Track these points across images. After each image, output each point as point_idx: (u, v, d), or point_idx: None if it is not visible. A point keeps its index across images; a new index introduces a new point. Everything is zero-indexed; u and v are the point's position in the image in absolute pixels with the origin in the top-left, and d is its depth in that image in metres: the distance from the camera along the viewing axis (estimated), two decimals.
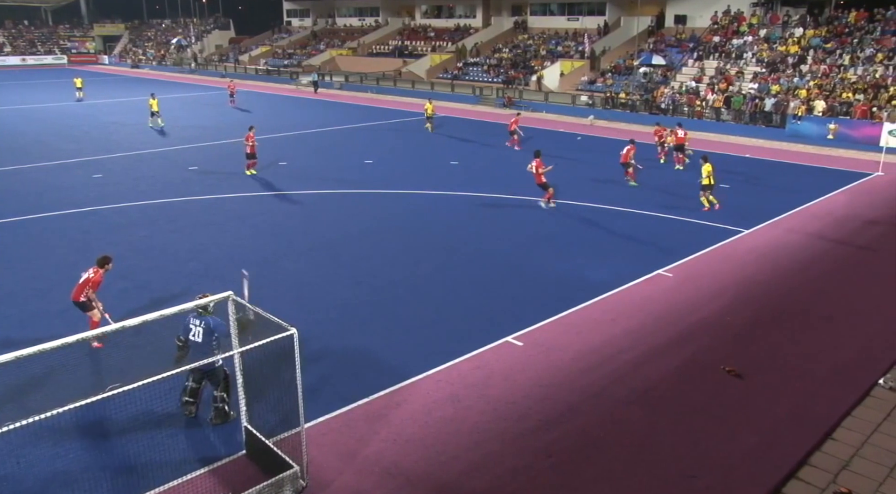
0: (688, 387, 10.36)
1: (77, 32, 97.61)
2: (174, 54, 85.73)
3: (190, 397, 9.27)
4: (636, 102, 40.77)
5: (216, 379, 9.17)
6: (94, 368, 10.64)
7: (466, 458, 8.60)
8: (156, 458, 8.48)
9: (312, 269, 15.29)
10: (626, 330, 12.26)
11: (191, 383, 9.26)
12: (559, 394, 10.11)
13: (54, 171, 25.25)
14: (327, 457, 8.56)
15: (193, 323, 9.03)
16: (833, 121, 32.59)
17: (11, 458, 8.31)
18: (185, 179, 24.07)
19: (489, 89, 49.71)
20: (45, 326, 12.06)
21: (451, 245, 16.96)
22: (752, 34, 42.46)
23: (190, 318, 9.05)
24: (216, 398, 9.22)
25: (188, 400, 9.27)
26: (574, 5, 57.83)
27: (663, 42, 47.89)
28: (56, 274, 14.82)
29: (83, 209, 20.02)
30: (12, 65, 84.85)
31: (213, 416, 9.24)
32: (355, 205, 20.81)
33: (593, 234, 17.84)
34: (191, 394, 9.27)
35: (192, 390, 9.27)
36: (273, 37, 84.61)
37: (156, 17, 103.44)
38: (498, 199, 20.92)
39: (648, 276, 14.86)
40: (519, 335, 11.97)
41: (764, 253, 16.50)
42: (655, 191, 22.21)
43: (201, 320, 8.98)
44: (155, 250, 16.45)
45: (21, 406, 6.39)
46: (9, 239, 17.16)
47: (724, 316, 12.92)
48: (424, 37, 67.21)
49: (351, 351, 11.44)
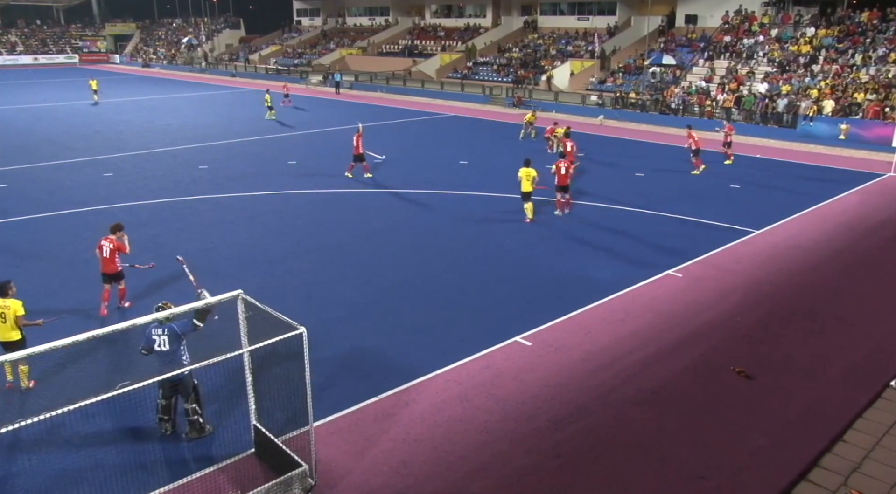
0: (697, 388, 10.32)
1: (89, 32, 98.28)
2: (185, 54, 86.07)
3: (164, 414, 8.85)
4: (646, 102, 40.64)
5: (185, 390, 8.78)
6: (103, 367, 10.69)
7: (475, 458, 8.60)
8: (165, 456, 8.53)
9: (321, 268, 15.32)
10: (635, 331, 12.22)
11: (161, 400, 8.81)
12: (567, 394, 10.09)
13: (65, 170, 25.40)
14: (336, 456, 8.58)
15: (156, 332, 8.64)
16: (845, 121, 32.39)
17: (23, 455, 8.39)
18: (194, 178, 24.16)
19: (499, 89, 49.67)
20: (55, 324, 12.12)
21: (459, 244, 16.95)
22: (763, 34, 42.25)
23: (151, 329, 8.64)
24: (188, 411, 8.81)
25: (162, 418, 8.87)
26: (584, 5, 57.71)
27: (674, 42, 47.72)
28: (67, 272, 14.92)
29: (94, 207, 20.13)
30: (24, 64, 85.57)
31: (189, 431, 8.87)
32: (364, 204, 20.83)
33: (602, 235, 17.78)
34: (164, 411, 8.84)
35: (163, 407, 8.82)
36: (283, 36, 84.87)
37: (167, 16, 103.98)
38: (506, 199, 20.88)
39: (658, 277, 14.81)
40: (528, 335, 11.95)
41: (774, 253, 16.41)
42: (665, 192, 22.14)
43: (164, 328, 8.63)
44: (164, 249, 16.49)
45: (32, 403, 6.43)
46: (20, 237, 17.27)
47: (734, 317, 12.86)
48: (434, 36, 67.23)
49: (360, 350, 11.45)
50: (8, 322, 9.70)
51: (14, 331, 9.75)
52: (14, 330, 9.75)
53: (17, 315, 9.74)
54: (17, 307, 9.78)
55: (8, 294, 9.86)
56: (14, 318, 9.72)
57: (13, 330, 9.74)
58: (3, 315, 9.71)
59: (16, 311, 9.74)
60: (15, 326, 9.75)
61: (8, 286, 9.94)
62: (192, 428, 8.89)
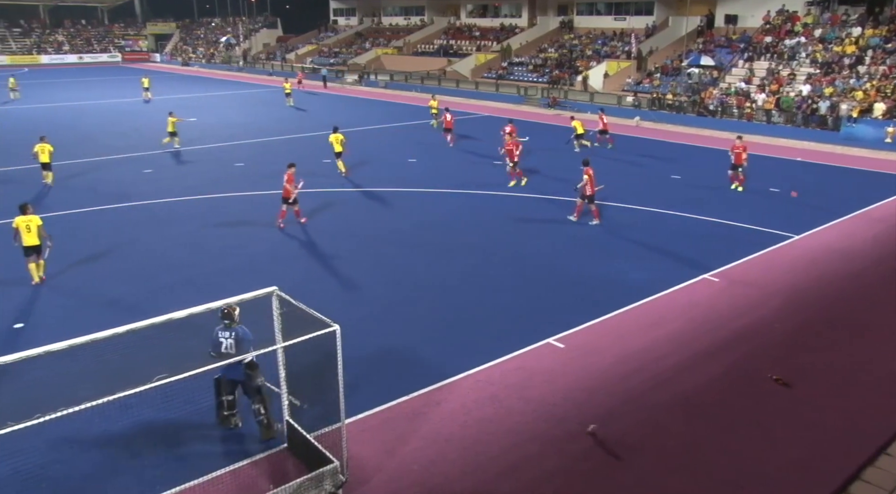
0: (732, 395, 10.15)
1: (131, 31, 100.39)
2: (223, 52, 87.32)
3: (229, 410, 9.07)
4: (683, 104, 40.11)
5: (250, 390, 8.86)
6: (141, 359, 10.88)
7: (505, 459, 8.57)
8: (200, 448, 8.67)
9: (354, 266, 15.40)
10: (669, 335, 12.06)
11: (225, 397, 9.03)
12: (599, 398, 10.00)
13: (107, 166, 25.96)
14: (367, 453, 8.62)
15: (223, 335, 8.82)
16: (892, 123, 31.49)
17: (66, 443, 8.62)
18: (230, 175, 24.49)
19: (534, 89, 49.45)
20: (95, 316, 12.41)
21: (490, 245, 16.91)
22: (806, 34, 41.37)
23: (218, 332, 8.84)
24: (255, 412, 8.88)
25: (229, 414, 9.06)
26: (621, 5, 57.18)
27: (713, 42, 46.99)
28: (104, 268, 15.23)
29: (133, 203, 20.53)
30: (70, 62, 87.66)
31: (261, 432, 8.92)
32: (397, 203, 20.90)
33: (637, 237, 17.59)
34: (229, 407, 9.06)
35: (229, 403, 9.05)
36: (319, 35, 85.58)
37: (206, 16, 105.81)
38: (538, 200, 20.79)
39: (693, 281, 14.60)
40: (560, 337, 11.88)
41: (815, 259, 16.07)
42: (702, 195, 21.82)
43: (230, 332, 8.78)
44: (199, 245, 16.77)
45: (73, 393, 6.61)
46: (62, 231, 17.63)
47: (771, 323, 12.61)
48: (469, 36, 67.20)
49: (391, 348, 11.50)
50: (33, 231, 13.93)
51: (37, 238, 13.98)
52: (37, 238, 13.97)
53: (38, 225, 14.01)
54: (38, 220, 14.09)
55: (28, 212, 14.05)
56: (37, 228, 13.96)
57: (36, 238, 13.96)
58: (28, 226, 13.90)
59: (38, 223, 14.04)
60: (37, 235, 13.93)
61: (27, 206, 14.20)
62: (261, 429, 8.90)
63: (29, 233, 13.90)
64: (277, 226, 18.00)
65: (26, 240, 13.92)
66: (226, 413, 9.09)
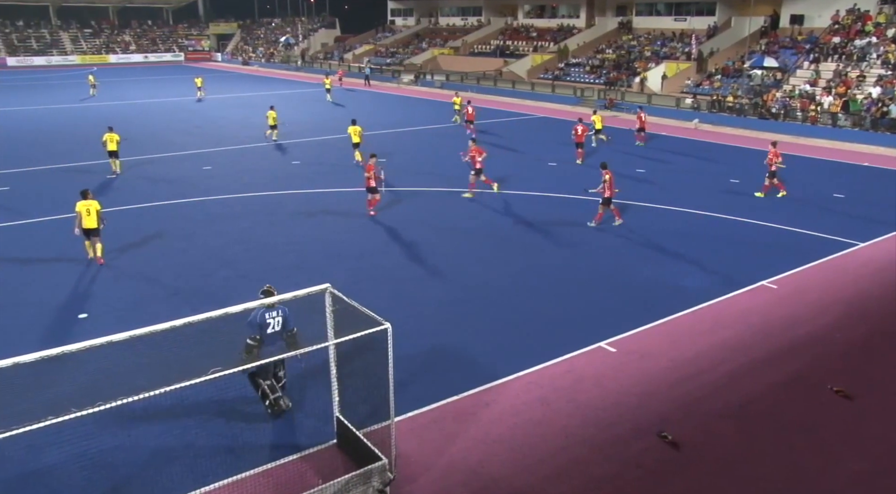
0: (789, 405, 9.85)
1: (194, 31, 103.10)
2: (282, 52, 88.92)
3: (273, 392, 9.33)
4: (744, 106, 39.08)
5: (279, 364, 9.43)
6: (197, 352, 11.17)
7: (553, 462, 8.51)
8: (251, 441, 8.84)
9: (406, 266, 15.51)
10: (724, 342, 11.79)
11: (265, 382, 9.29)
12: (651, 404, 9.84)
13: (168, 163, 26.74)
14: (415, 452, 8.67)
15: (269, 316, 9.17)
16: None
17: (123, 431, 8.90)
18: (287, 173, 24.93)
19: (590, 90, 48.91)
20: (154, 309, 12.80)
21: (543, 246, 16.81)
22: (878, 34, 39.83)
23: (262, 313, 9.11)
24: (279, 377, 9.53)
25: (276, 396, 9.32)
26: (682, 5, 56.04)
27: (777, 43, 45.64)
28: (162, 261, 15.70)
29: (192, 199, 21.10)
30: (135, 62, 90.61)
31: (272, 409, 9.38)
32: (450, 203, 20.94)
33: (695, 242, 17.23)
34: (272, 390, 9.33)
35: (271, 386, 9.32)
36: (377, 35, 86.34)
37: (266, 16, 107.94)
38: (593, 202, 20.55)
39: (751, 287, 14.23)
40: (612, 341, 11.73)
41: (880, 267, 15.47)
42: (763, 200, 21.24)
43: (276, 311, 9.20)
44: (255, 241, 17.11)
45: (131, 384, 6.85)
46: (124, 226, 18.25)
47: (833, 332, 12.20)
48: (526, 37, 66.85)
49: (442, 348, 11.53)
50: (92, 215, 15.14)
51: (95, 222, 15.22)
52: (95, 221, 15.21)
53: (97, 210, 15.24)
54: (98, 205, 15.32)
55: (88, 196, 15.33)
56: (96, 212, 15.18)
57: (95, 221, 15.20)
58: (88, 210, 15.08)
59: (97, 208, 15.26)
60: (96, 218, 15.17)
61: (87, 192, 15.53)
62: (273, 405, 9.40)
63: (88, 216, 15.15)
64: (368, 214, 19.19)
65: (86, 222, 15.18)
66: (273, 396, 9.33)
